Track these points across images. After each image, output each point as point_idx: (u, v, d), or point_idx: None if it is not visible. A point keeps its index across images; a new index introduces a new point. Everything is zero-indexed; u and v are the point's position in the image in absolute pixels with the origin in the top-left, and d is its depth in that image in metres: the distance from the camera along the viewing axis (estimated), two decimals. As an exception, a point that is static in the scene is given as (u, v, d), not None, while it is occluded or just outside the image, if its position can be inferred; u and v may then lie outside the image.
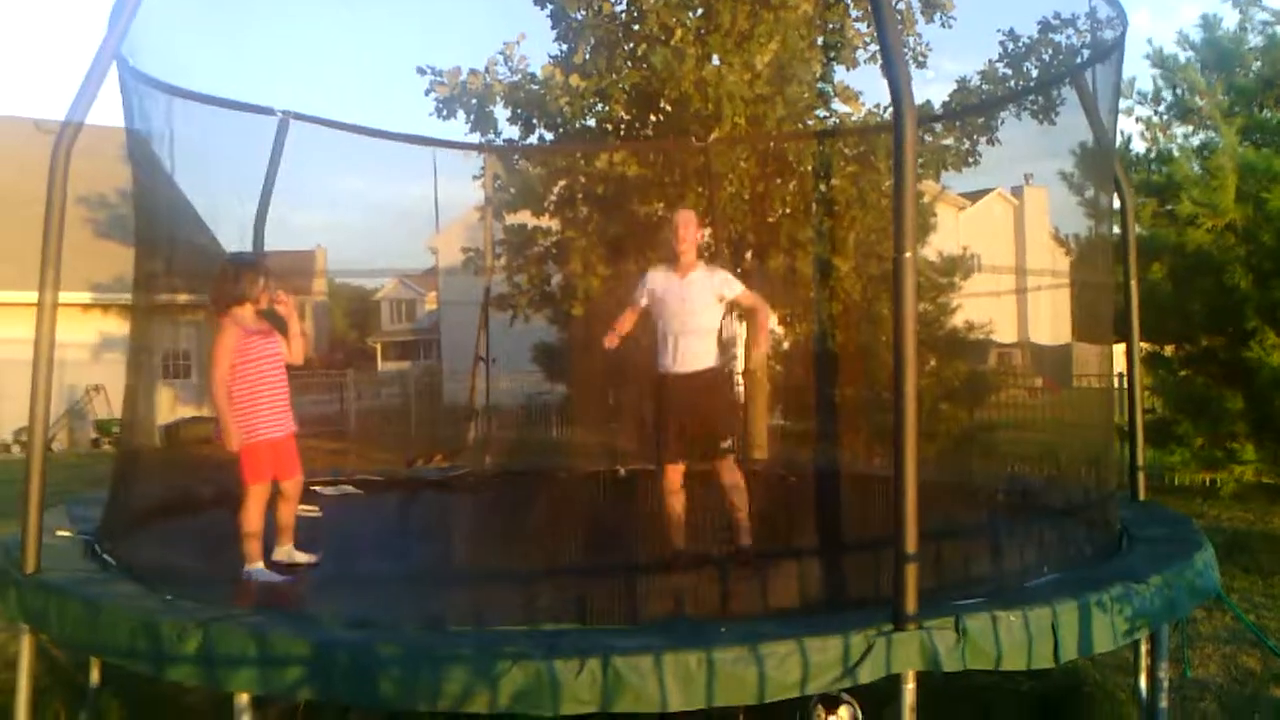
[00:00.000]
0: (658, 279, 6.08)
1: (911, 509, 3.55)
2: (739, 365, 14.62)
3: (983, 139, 12.56)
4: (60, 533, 5.42)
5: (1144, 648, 5.10)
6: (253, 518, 5.51)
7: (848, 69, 12.78)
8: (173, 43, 6.09)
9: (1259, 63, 12.78)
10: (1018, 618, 3.73)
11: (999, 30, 12.28)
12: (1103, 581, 4.19)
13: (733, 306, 6.25)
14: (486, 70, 12.22)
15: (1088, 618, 3.89)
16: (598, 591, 5.00)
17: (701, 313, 5.97)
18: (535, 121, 12.45)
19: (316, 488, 8.17)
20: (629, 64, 11.95)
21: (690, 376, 5.92)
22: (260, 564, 5.50)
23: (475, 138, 12.38)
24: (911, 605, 3.56)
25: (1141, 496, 6.42)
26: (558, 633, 3.75)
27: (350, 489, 8.36)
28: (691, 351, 5.93)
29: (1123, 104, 12.20)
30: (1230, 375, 11.29)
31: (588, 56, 11.99)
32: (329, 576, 5.61)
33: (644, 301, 6.09)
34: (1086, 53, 10.24)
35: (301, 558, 5.77)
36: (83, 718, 5.31)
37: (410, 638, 3.69)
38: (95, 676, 5.41)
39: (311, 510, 7.29)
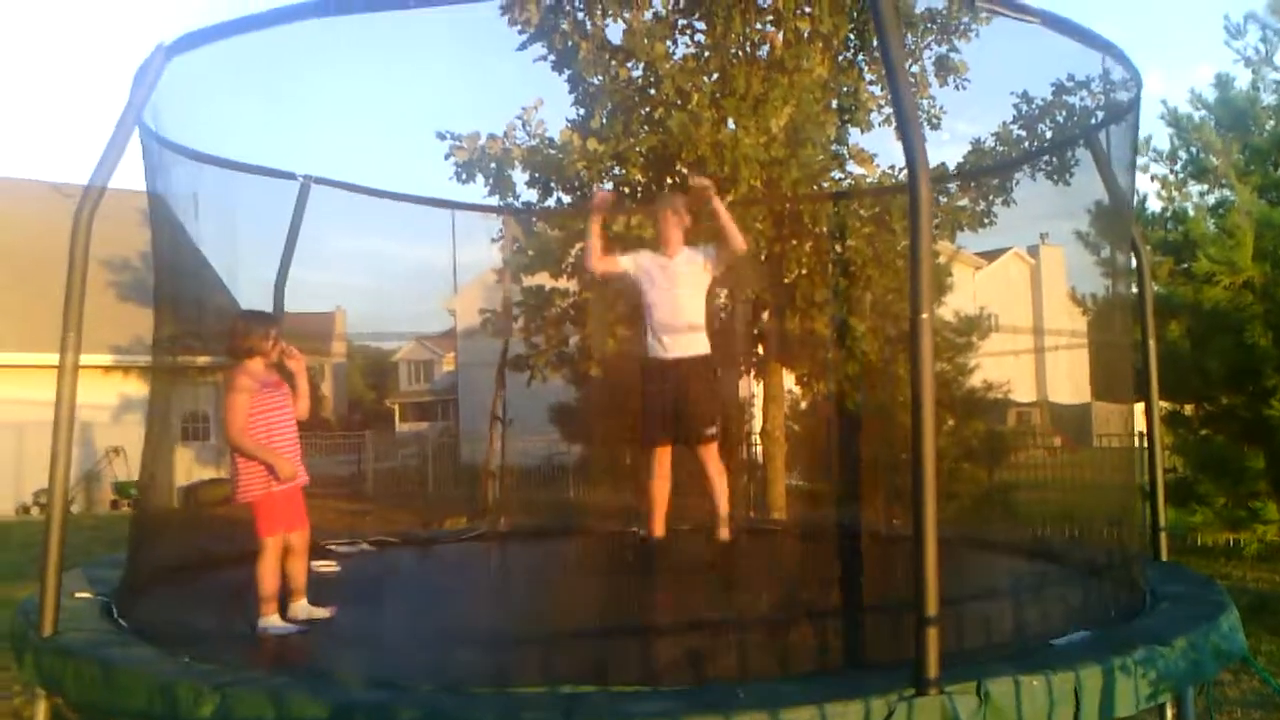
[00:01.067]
0: (644, 258, 6.16)
1: (932, 570, 3.53)
2: (756, 426, 14.61)
3: (998, 199, 12.63)
4: (79, 595, 5.42)
5: (1170, 712, 5.03)
6: (268, 571, 5.53)
7: (862, 131, 12.89)
8: (194, 107, 6.19)
9: (1272, 121, 12.83)
10: (1040, 682, 3.68)
11: (1013, 92, 12.41)
12: (1126, 644, 4.14)
13: (721, 258, 6.22)
14: (505, 135, 12.38)
15: (1111, 681, 3.83)
16: (614, 653, 4.96)
17: (690, 298, 6.08)
18: (553, 185, 12.58)
19: (333, 547, 8.18)
20: (646, 128, 12.08)
21: (678, 362, 5.99)
22: (275, 617, 5.49)
23: (494, 200, 12.50)
24: (933, 669, 3.52)
25: (1164, 557, 6.35)
26: (575, 696, 3.71)
27: (367, 548, 8.35)
28: (681, 338, 6.01)
29: (1139, 161, 12.28)
30: (1251, 433, 11.21)
31: (605, 121, 12.12)
32: (345, 635, 5.58)
33: (628, 267, 6.12)
34: (1100, 114, 10.30)
35: (319, 613, 5.73)
36: (97, 783, 5.28)
37: (428, 701, 3.66)
38: (111, 740, 5.39)
39: (329, 565, 7.28)
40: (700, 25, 12.57)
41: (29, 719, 5.06)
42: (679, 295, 6.01)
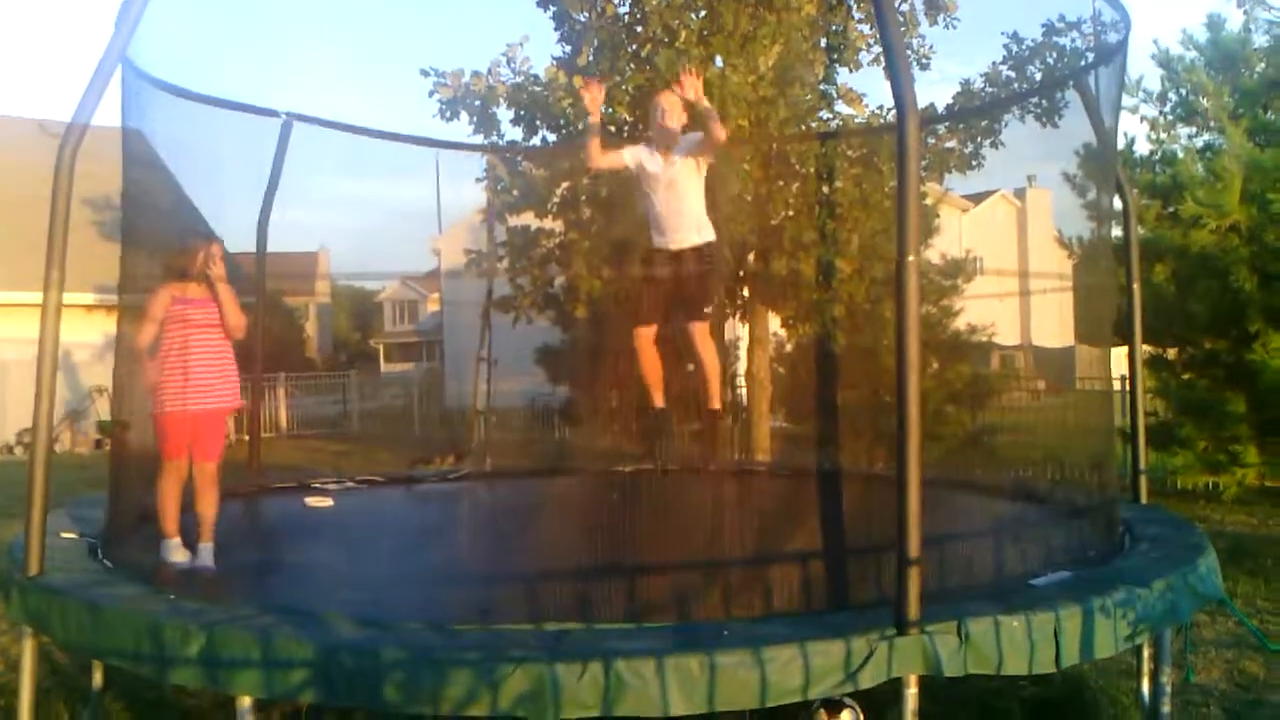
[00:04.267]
0: (643, 155, 6.19)
1: (914, 513, 3.55)
2: (741, 368, 14.63)
3: (986, 141, 12.57)
4: (64, 535, 5.42)
5: (1146, 652, 5.09)
6: (165, 494, 5.43)
7: (851, 71, 12.79)
8: (177, 45, 6.11)
9: (1264, 64, 12.74)
10: (1020, 622, 3.72)
11: (1003, 33, 12.31)
12: (1105, 585, 4.19)
13: (706, 145, 6.20)
14: (490, 72, 12.23)
15: (1090, 622, 3.88)
16: (599, 592, 5.00)
17: (687, 190, 6.12)
18: (538, 123, 12.46)
19: (319, 486, 8.20)
20: (632, 65, 11.95)
21: (680, 253, 6.10)
22: (174, 540, 5.43)
23: (478, 139, 12.40)
24: (914, 610, 3.56)
25: (1144, 500, 6.41)
26: (560, 633, 3.75)
27: (353, 486, 8.38)
28: (683, 228, 6.13)
29: (1128, 102, 12.22)
30: (1233, 378, 11.27)
31: (591, 58, 11.99)
32: (332, 574, 5.61)
33: (629, 161, 6.20)
34: (1090, 55, 10.24)
35: (205, 563, 5.47)
36: None
37: (414, 641, 3.69)
38: (98, 679, 5.42)
39: (324, 501, 7.31)
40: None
41: (16, 657, 5.08)
42: (679, 190, 6.09)
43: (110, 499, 5.92)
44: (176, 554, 5.43)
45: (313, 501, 7.27)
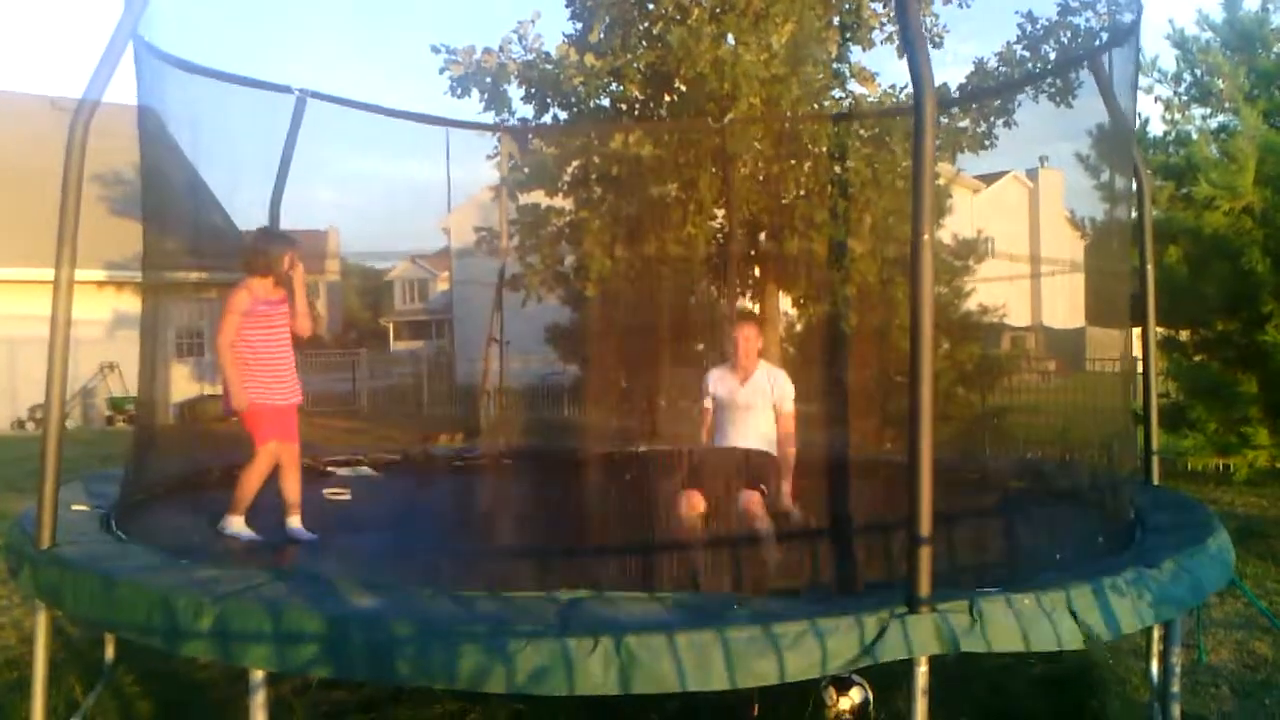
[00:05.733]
0: (718, 380, 6.28)
1: (927, 492, 3.54)
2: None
3: (999, 121, 12.52)
4: (76, 507, 5.44)
5: (1157, 632, 5.09)
6: (255, 476, 5.72)
7: (864, 50, 12.76)
8: (190, 21, 6.11)
9: (1280, 45, 12.66)
10: (1031, 601, 3.72)
11: (1017, 12, 12.27)
12: (1117, 566, 4.18)
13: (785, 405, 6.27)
14: (501, 49, 12.21)
15: (1103, 602, 3.87)
16: (611, 568, 5.01)
17: (759, 419, 6.14)
18: (550, 101, 12.44)
19: (333, 467, 8.23)
20: (644, 43, 11.92)
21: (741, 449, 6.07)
22: (240, 520, 5.72)
23: (489, 117, 12.37)
24: (925, 588, 3.55)
25: (1155, 481, 6.39)
26: (572, 601, 3.75)
27: (367, 470, 8.40)
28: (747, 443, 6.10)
29: (1144, 82, 12.15)
30: (1245, 360, 11.23)
31: (603, 35, 11.96)
32: (346, 551, 5.64)
33: (708, 403, 6.31)
34: (1104, 36, 10.17)
35: (305, 535, 5.88)
36: (98, 693, 5.34)
37: (426, 615, 3.69)
38: (110, 652, 5.46)
39: (342, 493, 7.37)
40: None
41: (29, 630, 5.11)
42: (747, 420, 6.14)
43: (129, 471, 5.96)
44: (245, 531, 5.72)
45: (330, 493, 7.33)
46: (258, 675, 3.80)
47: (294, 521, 5.91)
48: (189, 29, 6.26)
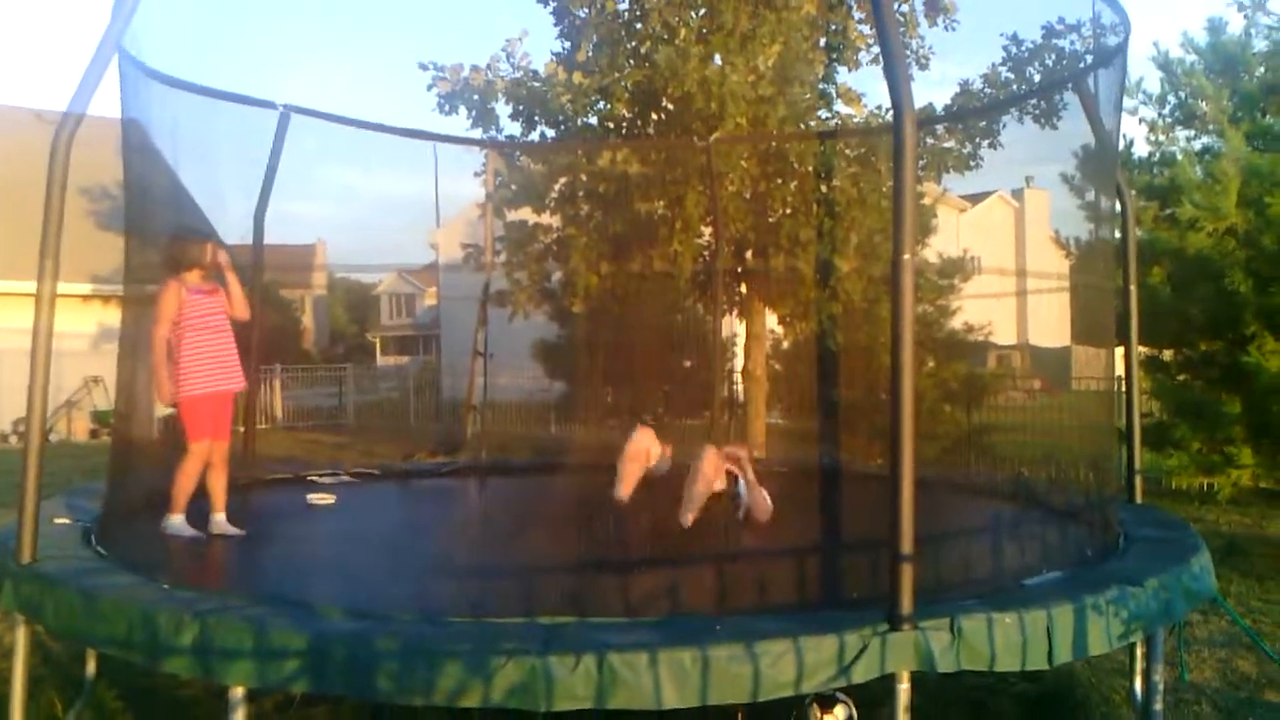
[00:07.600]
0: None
1: (908, 509, 3.55)
2: (738, 364, 14.62)
3: (984, 142, 12.56)
4: (57, 520, 5.42)
5: (1139, 651, 5.10)
6: (188, 474, 5.82)
7: (850, 70, 12.78)
8: (175, 35, 6.14)
9: (1263, 68, 12.75)
10: (1013, 619, 3.73)
11: (1002, 34, 12.29)
12: (1099, 583, 4.19)
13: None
14: (489, 67, 12.21)
15: (1084, 620, 3.89)
16: (592, 586, 5.00)
17: None
18: (537, 118, 12.44)
19: (315, 479, 8.20)
20: (631, 62, 11.94)
21: None
22: (181, 517, 5.80)
23: (477, 134, 12.38)
24: (907, 605, 3.56)
25: (1139, 500, 6.42)
26: (553, 626, 3.75)
27: (349, 479, 8.38)
28: None
29: (1128, 104, 12.22)
30: (1228, 380, 11.27)
31: (590, 54, 11.98)
32: (326, 566, 5.61)
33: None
34: (1090, 58, 10.23)
35: (232, 530, 5.96)
36: (78, 709, 5.31)
37: (407, 631, 3.69)
38: (91, 668, 5.42)
39: (326, 498, 7.35)
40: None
41: (9, 645, 5.08)
42: None
43: (110, 486, 5.94)
44: (185, 529, 5.79)
45: (314, 498, 7.30)
46: (238, 692, 3.78)
47: (219, 518, 5.99)
48: (176, 42, 6.27)
